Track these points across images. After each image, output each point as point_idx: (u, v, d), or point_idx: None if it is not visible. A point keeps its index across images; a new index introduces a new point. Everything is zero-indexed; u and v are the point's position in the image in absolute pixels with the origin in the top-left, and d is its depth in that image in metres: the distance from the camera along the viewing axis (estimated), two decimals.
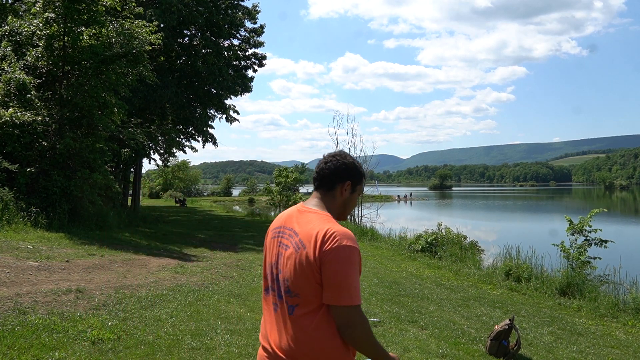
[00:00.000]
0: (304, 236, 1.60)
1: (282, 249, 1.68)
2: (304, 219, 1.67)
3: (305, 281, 1.57)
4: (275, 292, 1.67)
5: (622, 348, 5.04)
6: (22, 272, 5.71)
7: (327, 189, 1.74)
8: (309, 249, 1.56)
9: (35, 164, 9.98)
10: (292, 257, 1.61)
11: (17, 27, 10.85)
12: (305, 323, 1.57)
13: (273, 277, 1.70)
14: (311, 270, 1.55)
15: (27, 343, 3.52)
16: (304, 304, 1.58)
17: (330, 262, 1.52)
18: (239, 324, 4.72)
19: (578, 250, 7.61)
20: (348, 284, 1.51)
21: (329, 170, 1.74)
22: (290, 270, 1.60)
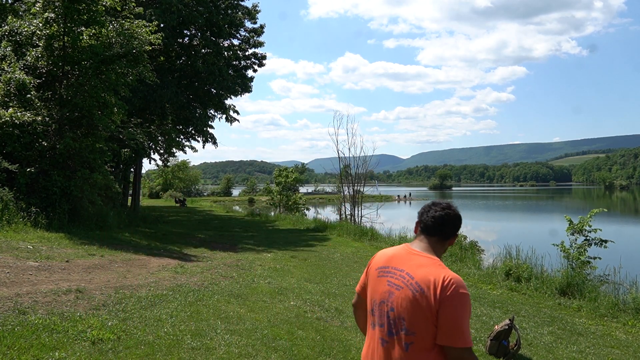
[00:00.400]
0: (421, 280, 1.77)
1: (394, 289, 1.82)
2: (415, 262, 1.83)
3: (423, 322, 1.73)
4: (385, 328, 1.83)
5: (622, 348, 5.04)
6: (22, 272, 5.71)
7: (443, 238, 1.92)
8: (429, 293, 1.73)
9: (35, 164, 9.97)
10: (409, 299, 1.76)
11: (17, 27, 10.84)
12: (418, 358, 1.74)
13: (382, 314, 1.84)
14: (430, 313, 1.72)
15: (27, 343, 3.52)
16: (418, 342, 1.74)
17: (448, 307, 1.70)
18: (239, 324, 4.72)
19: (578, 250, 7.60)
20: (463, 328, 1.70)
21: (450, 223, 1.92)
22: (408, 311, 1.76)
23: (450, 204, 1.97)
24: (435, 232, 1.90)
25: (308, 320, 5.07)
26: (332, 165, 20.99)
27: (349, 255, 10.75)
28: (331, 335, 4.62)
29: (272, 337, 4.41)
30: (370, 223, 18.15)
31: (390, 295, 1.81)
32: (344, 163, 20.51)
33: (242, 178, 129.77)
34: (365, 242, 13.38)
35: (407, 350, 1.74)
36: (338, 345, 4.38)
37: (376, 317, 1.86)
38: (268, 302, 5.71)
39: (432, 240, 1.89)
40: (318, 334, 4.62)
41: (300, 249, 11.46)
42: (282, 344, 4.23)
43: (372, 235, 14.28)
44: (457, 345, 1.69)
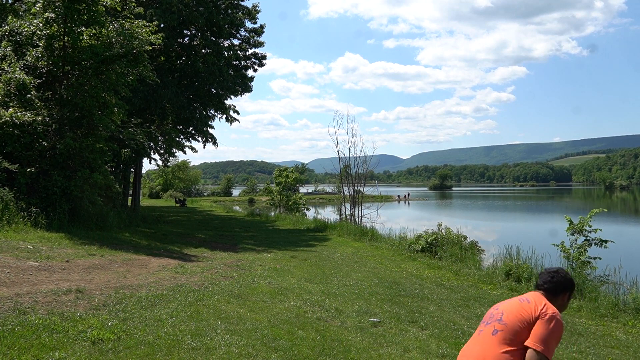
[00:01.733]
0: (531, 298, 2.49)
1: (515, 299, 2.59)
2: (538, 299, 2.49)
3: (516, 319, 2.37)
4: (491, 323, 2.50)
5: (622, 348, 5.04)
6: (22, 272, 5.70)
7: (552, 295, 2.54)
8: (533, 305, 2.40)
9: (35, 164, 9.96)
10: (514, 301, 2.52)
11: (17, 27, 10.84)
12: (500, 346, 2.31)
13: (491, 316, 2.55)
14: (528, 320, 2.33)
15: (27, 343, 3.52)
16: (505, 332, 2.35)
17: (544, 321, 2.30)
18: (239, 324, 4.71)
19: (578, 251, 7.59)
20: (547, 339, 2.25)
21: (555, 284, 2.55)
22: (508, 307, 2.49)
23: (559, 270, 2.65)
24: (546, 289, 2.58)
25: (308, 321, 5.07)
26: (332, 165, 20.99)
27: (349, 255, 10.74)
28: (331, 336, 4.62)
29: (272, 337, 4.40)
30: (370, 223, 18.14)
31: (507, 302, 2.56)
32: (344, 163, 20.51)
33: (242, 178, 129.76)
34: (366, 242, 13.36)
35: (495, 334, 2.33)
36: (338, 345, 4.37)
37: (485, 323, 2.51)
38: (268, 302, 5.70)
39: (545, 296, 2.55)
40: (318, 334, 4.61)
41: (301, 249, 11.45)
42: (282, 344, 4.22)
43: (372, 235, 14.27)
44: (538, 349, 2.22)
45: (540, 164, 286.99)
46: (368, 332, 4.86)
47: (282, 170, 31.14)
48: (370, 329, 4.98)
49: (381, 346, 4.46)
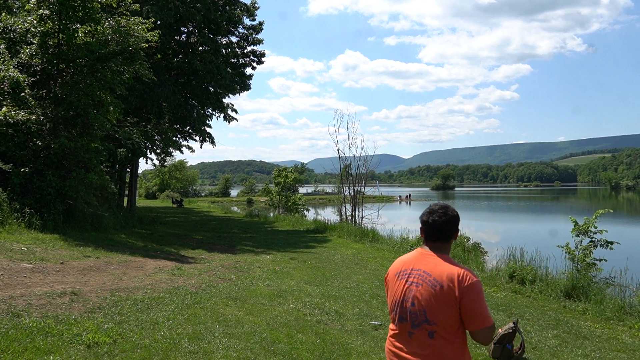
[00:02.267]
0: (438, 276, 2.04)
1: (413, 286, 2.09)
2: (430, 262, 2.10)
3: (443, 312, 2.01)
4: (409, 322, 2.08)
5: (628, 352, 4.96)
6: (16, 274, 5.65)
7: (447, 240, 2.16)
8: (448, 287, 2.00)
9: (29, 163, 9.84)
10: (428, 293, 2.03)
11: (10, 24, 10.70)
12: (443, 344, 2.01)
13: (403, 310, 2.10)
14: (452, 304, 1.99)
15: (21, 347, 3.49)
16: (440, 330, 2.01)
17: (470, 296, 1.98)
18: (237, 327, 4.65)
19: (583, 252, 7.51)
20: (484, 310, 2.00)
21: (448, 227, 2.14)
22: (428, 303, 2.03)
23: (447, 208, 2.15)
24: (439, 239, 2.14)
25: (308, 324, 4.99)
26: (333, 165, 20.89)
27: (349, 257, 10.65)
28: (331, 339, 4.54)
29: (271, 340, 4.34)
30: (371, 224, 18.06)
31: (409, 292, 2.07)
32: (345, 163, 20.42)
33: (241, 178, 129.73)
34: (366, 243, 13.28)
35: (433, 337, 2.02)
36: (338, 349, 4.30)
37: (398, 314, 2.11)
38: (267, 304, 5.62)
39: (438, 244, 2.14)
40: (318, 338, 4.54)
41: (300, 251, 11.37)
42: (281, 348, 4.16)
43: (373, 236, 14.18)
44: (485, 326, 1.99)
45: (544, 163, 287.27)
46: (369, 335, 4.79)
47: (281, 170, 31.06)
48: (371, 332, 4.91)
49: (382, 350, 4.37)
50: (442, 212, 2.12)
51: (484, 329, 1.99)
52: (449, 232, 2.12)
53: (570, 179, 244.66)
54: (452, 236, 2.15)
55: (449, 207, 2.18)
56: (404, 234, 13.55)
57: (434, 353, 2.00)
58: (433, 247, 2.13)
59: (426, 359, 2.01)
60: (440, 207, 2.16)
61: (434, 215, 2.13)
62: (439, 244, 2.13)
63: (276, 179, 30.58)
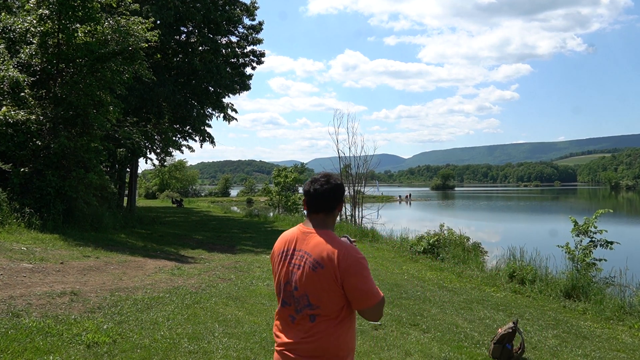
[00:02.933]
0: (319, 257, 1.88)
1: (295, 269, 1.94)
2: (310, 241, 1.94)
3: (326, 294, 1.87)
4: (292, 306, 1.94)
5: (628, 352, 4.97)
6: (16, 274, 5.64)
7: (330, 211, 1.99)
8: (329, 268, 1.86)
9: (29, 163, 9.83)
10: (309, 276, 1.89)
11: (10, 24, 10.68)
12: (326, 328, 1.88)
13: (287, 294, 1.96)
14: (335, 285, 1.86)
15: (20, 347, 3.48)
16: (323, 313, 1.88)
17: (352, 275, 1.84)
18: (237, 327, 4.65)
19: (583, 252, 7.51)
20: (370, 287, 1.87)
21: (330, 197, 1.98)
22: (310, 287, 1.89)
23: (329, 177, 2.01)
24: (321, 209, 1.98)
25: None
26: (332, 165, 20.86)
27: None
28: None
29: (271, 340, 4.32)
30: (371, 224, 18.05)
31: (292, 276, 1.93)
32: (345, 163, 20.40)
33: (241, 178, 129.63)
34: (366, 243, 13.27)
35: (314, 321, 1.88)
36: None
37: (282, 298, 1.98)
38: (267, 304, 5.61)
39: (320, 217, 1.98)
40: None
41: None
42: None
43: (373, 236, 14.17)
44: (372, 304, 1.87)
45: (544, 163, 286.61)
46: (369, 335, 4.78)
47: (281, 170, 31.05)
48: (371, 332, 4.90)
49: (382, 350, 4.38)
50: (324, 181, 1.97)
51: (371, 307, 1.87)
52: (332, 202, 1.97)
53: (570, 179, 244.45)
54: (335, 207, 1.99)
55: (333, 175, 2.04)
56: (403, 233, 13.55)
57: (315, 337, 1.87)
58: (316, 219, 1.97)
59: (308, 343, 1.88)
60: (323, 176, 2.01)
61: (315, 184, 1.98)
62: (322, 216, 1.97)
63: (276, 178, 30.57)
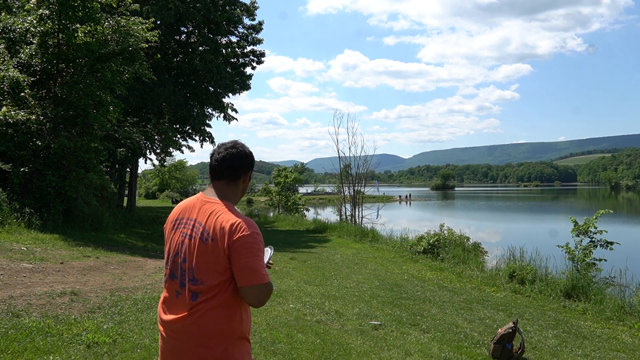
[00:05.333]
0: (210, 227, 1.74)
1: (186, 239, 1.79)
2: (207, 210, 1.79)
3: (211, 270, 1.71)
4: (178, 279, 1.79)
5: (628, 352, 4.96)
6: (16, 274, 5.64)
7: (232, 180, 1.87)
8: (218, 240, 1.71)
9: (29, 163, 9.84)
10: (198, 248, 1.74)
11: (10, 24, 10.69)
12: (206, 309, 1.72)
13: (176, 266, 1.81)
14: (221, 259, 1.70)
15: (20, 347, 3.47)
16: (207, 291, 1.72)
17: (239, 250, 1.69)
18: None
19: (583, 252, 7.51)
20: (257, 266, 1.70)
21: (235, 162, 1.85)
22: (197, 260, 1.73)
23: (236, 143, 1.91)
24: (222, 176, 1.86)
25: (308, 324, 4.97)
26: (332, 165, 20.86)
27: (349, 256, 10.64)
28: (331, 339, 4.52)
29: (271, 340, 4.32)
30: (371, 224, 18.04)
31: (182, 246, 1.80)
32: (344, 163, 20.39)
33: None
34: (366, 243, 13.26)
35: (196, 299, 1.73)
36: (338, 349, 4.28)
37: (170, 270, 1.84)
38: (267, 304, 5.59)
39: (221, 185, 1.86)
40: (318, 338, 4.52)
41: (300, 251, 11.36)
42: (281, 348, 4.14)
43: (373, 236, 14.16)
44: (253, 284, 1.71)
45: (544, 163, 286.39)
46: (369, 335, 4.77)
47: (281, 170, 31.05)
48: (371, 332, 4.89)
49: (382, 350, 4.37)
50: (230, 146, 1.87)
51: (252, 287, 1.69)
52: (236, 170, 1.85)
53: (570, 179, 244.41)
54: (239, 175, 1.86)
55: (240, 142, 1.91)
56: (403, 233, 13.54)
57: (195, 316, 1.72)
58: (217, 187, 1.85)
59: (188, 324, 1.72)
60: (230, 142, 1.90)
61: (220, 148, 1.87)
62: (223, 184, 1.85)
63: (276, 179, 30.57)
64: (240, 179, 1.89)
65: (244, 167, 1.89)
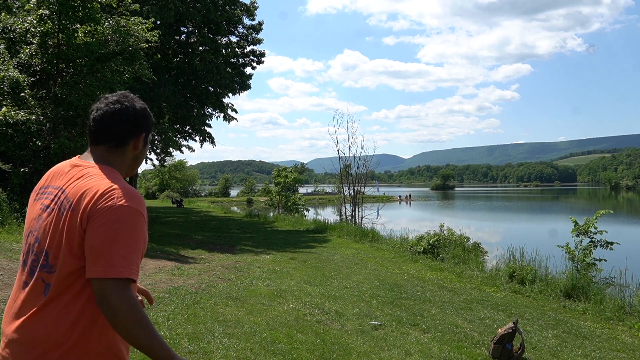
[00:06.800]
0: (73, 194, 1.26)
1: (43, 213, 1.31)
2: (77, 174, 1.32)
3: (66, 252, 1.23)
4: (28, 265, 1.31)
5: (628, 352, 4.96)
6: (16, 274, 5.60)
7: (114, 146, 1.37)
8: (77, 209, 1.23)
9: (29, 163, 9.84)
10: (55, 223, 1.27)
11: (10, 24, 10.68)
12: (58, 308, 1.23)
13: (29, 248, 1.33)
14: (75, 236, 1.22)
15: None
16: (59, 283, 1.24)
17: (97, 223, 1.20)
18: (237, 327, 4.63)
19: (583, 252, 7.50)
20: (111, 251, 1.18)
21: (120, 122, 1.35)
22: (52, 238, 1.26)
23: (123, 95, 1.41)
24: (101, 139, 1.36)
25: (308, 324, 4.97)
26: (332, 165, 20.87)
27: (349, 257, 10.63)
28: (331, 339, 4.52)
29: (271, 340, 4.31)
30: (371, 224, 18.03)
31: (38, 222, 1.32)
32: (344, 163, 20.39)
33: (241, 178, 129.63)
34: (366, 243, 13.25)
35: (47, 294, 1.23)
36: (338, 349, 4.28)
37: (23, 254, 1.36)
38: (267, 304, 5.60)
39: (100, 150, 1.37)
40: (318, 338, 4.52)
41: (300, 251, 11.34)
42: (281, 348, 4.14)
43: (373, 236, 14.15)
44: (94, 276, 1.18)
45: (544, 163, 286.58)
46: (369, 335, 4.77)
47: (281, 170, 31.03)
48: (371, 332, 4.89)
49: (382, 350, 4.37)
50: (114, 100, 1.37)
51: (103, 280, 1.17)
52: (119, 130, 1.35)
53: (570, 179, 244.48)
54: (125, 140, 1.37)
55: (130, 95, 1.42)
56: (403, 234, 13.54)
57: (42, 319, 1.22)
58: (94, 153, 1.37)
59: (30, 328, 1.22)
60: (116, 94, 1.41)
61: (102, 102, 1.38)
62: (102, 150, 1.36)
63: (276, 179, 30.55)
64: (129, 144, 1.38)
65: (132, 128, 1.37)
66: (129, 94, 1.44)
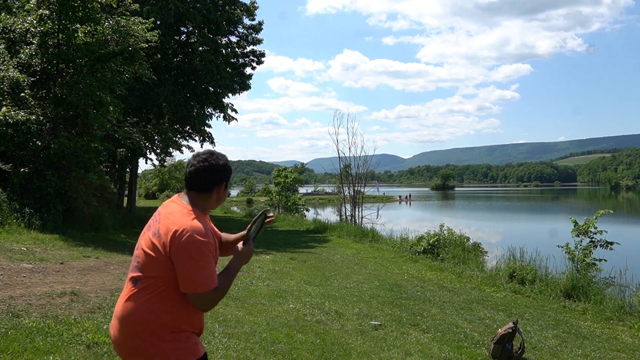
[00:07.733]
0: (163, 225, 1.78)
1: (146, 229, 1.89)
2: (170, 209, 1.84)
3: (152, 263, 1.76)
4: (131, 265, 1.86)
5: (628, 352, 4.96)
6: (16, 274, 5.63)
7: (203, 192, 1.87)
8: (163, 240, 1.75)
9: (29, 163, 9.84)
10: (149, 238, 1.80)
11: (10, 24, 10.69)
12: (141, 296, 1.76)
13: (134, 252, 1.88)
14: (162, 258, 1.74)
15: (20, 347, 3.47)
16: (144, 280, 1.76)
17: (179, 256, 1.71)
18: (237, 327, 4.63)
19: (583, 252, 7.50)
20: (195, 275, 1.72)
21: (206, 176, 1.85)
22: (143, 248, 1.80)
23: (211, 154, 1.88)
24: (193, 187, 1.87)
25: (307, 324, 4.98)
26: (332, 165, 20.87)
27: (349, 257, 10.64)
28: (331, 339, 4.53)
29: (271, 340, 4.32)
30: (371, 224, 18.04)
31: (143, 235, 1.87)
32: (344, 163, 20.38)
33: (240, 178, 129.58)
34: (366, 243, 13.26)
35: (136, 284, 1.77)
36: (338, 349, 4.29)
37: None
38: (267, 304, 5.61)
39: (192, 195, 1.87)
40: (318, 338, 4.52)
41: (300, 251, 11.35)
42: (281, 348, 4.14)
43: (373, 236, 14.15)
44: (196, 292, 1.73)
45: (544, 163, 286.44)
46: (369, 335, 4.78)
47: (281, 170, 31.05)
48: (371, 332, 4.89)
49: (382, 350, 4.37)
50: (203, 159, 1.85)
51: (196, 295, 1.73)
52: (206, 182, 1.84)
53: (570, 179, 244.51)
54: (209, 188, 1.86)
55: (216, 154, 1.89)
56: (403, 234, 13.54)
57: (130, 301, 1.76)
58: (189, 195, 1.87)
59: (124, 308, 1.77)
60: (205, 153, 1.88)
61: (195, 159, 1.87)
62: (193, 195, 1.85)
63: (276, 179, 30.57)
64: (213, 191, 1.88)
65: (216, 180, 1.87)
66: (215, 152, 1.93)
